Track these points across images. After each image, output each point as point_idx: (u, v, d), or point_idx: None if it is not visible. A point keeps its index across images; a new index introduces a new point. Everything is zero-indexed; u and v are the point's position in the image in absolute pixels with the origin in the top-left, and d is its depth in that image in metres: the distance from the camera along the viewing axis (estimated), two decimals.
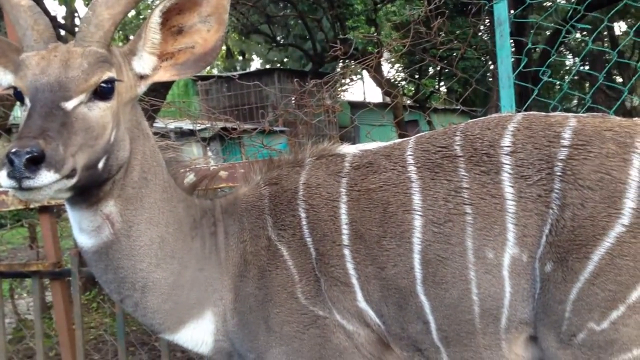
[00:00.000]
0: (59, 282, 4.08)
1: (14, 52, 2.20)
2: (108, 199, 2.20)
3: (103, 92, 2.08)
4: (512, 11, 4.99)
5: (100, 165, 2.06)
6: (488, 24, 16.52)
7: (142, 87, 2.30)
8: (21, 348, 6.66)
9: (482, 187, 2.21)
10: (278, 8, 24.68)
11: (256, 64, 39.62)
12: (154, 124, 5.93)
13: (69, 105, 1.98)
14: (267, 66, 33.96)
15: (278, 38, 27.39)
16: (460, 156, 2.27)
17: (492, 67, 14.89)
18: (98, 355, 6.37)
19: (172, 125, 6.61)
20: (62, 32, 11.13)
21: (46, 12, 8.55)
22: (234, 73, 27.25)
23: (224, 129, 5.86)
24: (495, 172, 2.21)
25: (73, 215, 2.26)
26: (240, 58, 39.15)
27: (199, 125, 7.58)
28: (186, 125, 10.94)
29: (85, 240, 2.27)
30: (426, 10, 4.62)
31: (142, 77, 2.28)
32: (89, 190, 2.13)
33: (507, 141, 2.23)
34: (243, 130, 5.41)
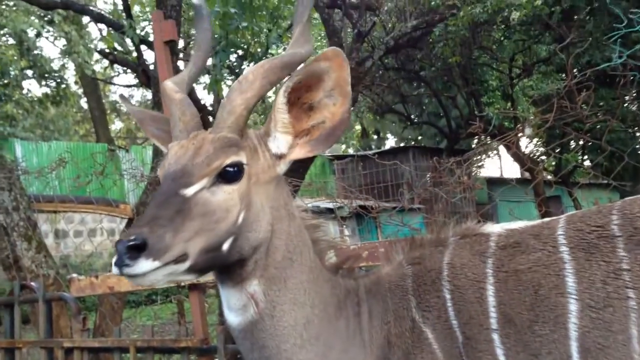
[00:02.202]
0: (206, 358, 4.19)
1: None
2: (252, 279, 2.23)
3: (228, 175, 2.12)
4: None
5: (225, 247, 2.09)
6: (635, 94, 15.78)
7: (282, 166, 2.31)
8: None
9: None
10: (412, 87, 25.05)
11: (391, 142, 40.11)
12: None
13: (189, 191, 2.04)
14: (402, 144, 34.22)
15: (412, 116, 27.66)
16: (618, 236, 2.09)
17: None
18: None
19: (310, 204, 6.75)
20: (211, 119, 11.91)
21: (196, 100, 9.24)
22: (370, 152, 27.75)
23: (362, 207, 5.91)
24: None
25: (222, 293, 2.32)
26: (375, 137, 39.81)
27: (336, 203, 7.70)
28: (323, 203, 11.19)
29: (232, 318, 2.31)
30: (569, 83, 4.49)
31: (280, 157, 2.30)
32: (230, 269, 2.19)
33: None
34: (382, 209, 5.42)
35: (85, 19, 25.34)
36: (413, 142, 33.72)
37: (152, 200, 2.04)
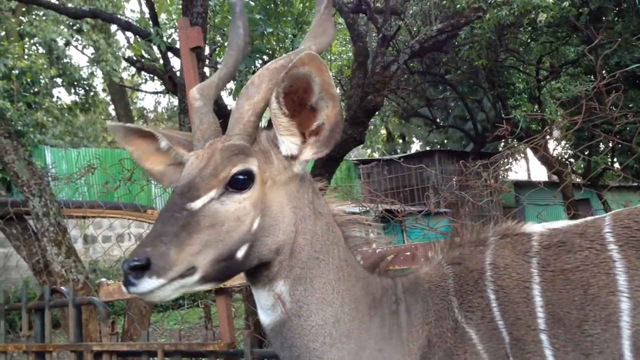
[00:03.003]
0: None
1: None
2: (278, 279, 2.23)
3: (238, 183, 2.11)
4: None
5: (240, 254, 2.09)
6: None
7: (298, 166, 2.27)
8: None
9: None
10: (438, 91, 24.96)
11: (416, 146, 39.98)
12: None
13: (196, 205, 2.05)
14: (428, 148, 34.10)
15: (438, 120, 27.55)
16: None
17: None
18: None
19: (336, 208, 6.74)
20: None
21: (223, 106, 9.29)
22: (395, 156, 27.65)
23: (388, 211, 5.89)
24: None
25: (254, 293, 2.33)
26: (401, 141, 39.69)
27: (362, 207, 7.70)
28: (349, 208, 11.17)
29: (263, 318, 2.31)
30: (598, 85, 4.42)
31: (292, 158, 2.26)
32: (257, 271, 2.20)
33: None
34: (408, 213, 5.38)
35: (113, 28, 25.76)
36: (439, 146, 33.58)
37: (159, 217, 2.05)
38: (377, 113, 16.99)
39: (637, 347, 1.99)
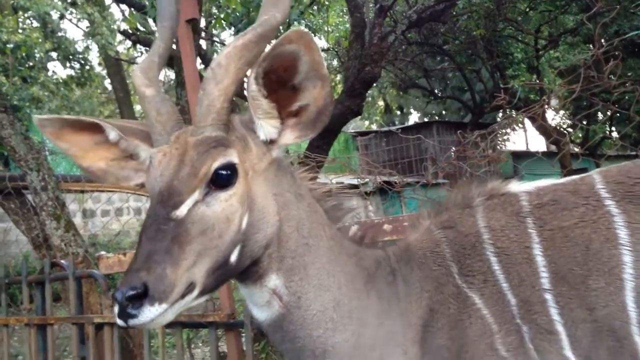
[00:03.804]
0: (232, 332, 4.23)
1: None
2: (270, 274, 2.13)
3: (221, 179, 1.95)
4: None
5: (233, 258, 1.97)
6: None
7: (277, 150, 2.12)
8: None
9: None
10: (436, 62, 24.81)
11: (414, 117, 39.88)
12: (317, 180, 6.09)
13: (181, 212, 1.88)
14: (426, 119, 34.01)
15: (436, 91, 27.43)
16: None
17: None
18: None
19: (335, 180, 6.75)
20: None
21: None
22: (393, 127, 27.59)
23: (386, 182, 5.89)
24: None
25: (243, 290, 2.22)
26: (399, 112, 39.57)
27: (360, 179, 7.70)
28: (347, 179, 11.20)
29: (258, 314, 2.22)
30: (597, 53, 4.39)
31: (272, 142, 2.11)
32: (245, 269, 2.09)
33: None
34: (406, 184, 5.39)
35: (108, 0, 25.46)
36: (437, 117, 33.49)
37: (144, 232, 1.87)
38: (374, 84, 16.90)
39: None
